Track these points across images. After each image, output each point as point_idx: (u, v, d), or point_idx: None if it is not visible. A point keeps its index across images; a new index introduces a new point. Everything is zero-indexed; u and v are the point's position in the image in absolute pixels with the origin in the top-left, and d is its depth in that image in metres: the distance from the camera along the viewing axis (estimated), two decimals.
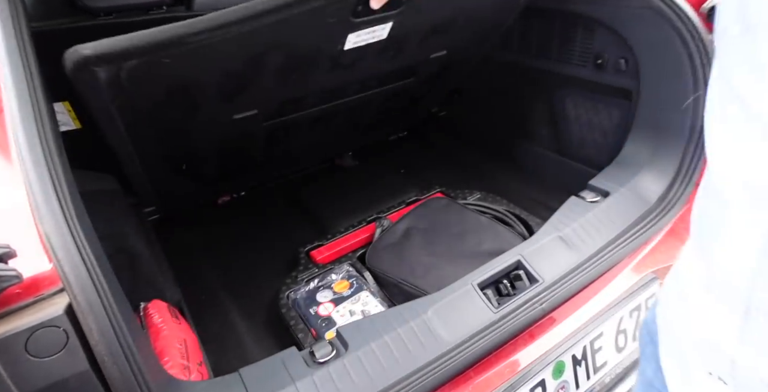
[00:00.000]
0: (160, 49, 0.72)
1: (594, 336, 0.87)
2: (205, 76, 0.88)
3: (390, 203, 1.49)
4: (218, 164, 1.37)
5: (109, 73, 0.72)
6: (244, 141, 1.26)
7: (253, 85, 0.98)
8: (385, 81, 1.32)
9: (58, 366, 0.45)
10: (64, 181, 0.50)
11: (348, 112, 1.41)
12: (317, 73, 1.05)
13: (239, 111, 1.06)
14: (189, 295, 1.11)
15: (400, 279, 1.16)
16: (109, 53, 0.68)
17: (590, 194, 1.11)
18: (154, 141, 1.05)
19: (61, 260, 0.44)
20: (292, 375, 0.74)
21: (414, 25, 1.04)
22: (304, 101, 1.22)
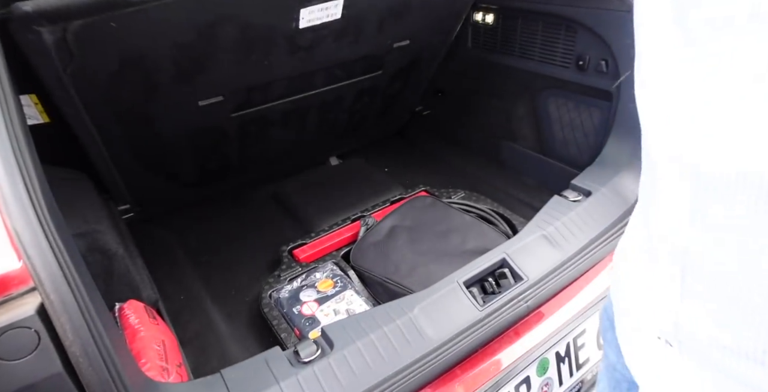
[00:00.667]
0: (103, 8, 0.71)
1: (577, 333, 0.88)
2: (157, 47, 0.86)
3: (374, 202, 1.48)
4: (193, 163, 1.34)
5: (55, 35, 0.71)
6: (216, 136, 1.23)
7: (211, 63, 0.96)
8: (353, 72, 1.32)
9: (29, 369, 0.42)
10: (35, 175, 0.47)
11: (320, 107, 1.40)
12: (277, 54, 1.03)
13: (203, 96, 1.04)
14: (167, 295, 1.07)
15: (385, 278, 1.15)
16: (49, 11, 0.67)
17: (573, 194, 1.13)
18: (119, 131, 1.02)
19: (32, 257, 0.41)
20: (276, 375, 0.72)
21: (367, 5, 1.03)
22: (271, 89, 1.20)
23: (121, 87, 0.91)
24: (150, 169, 1.24)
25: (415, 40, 1.28)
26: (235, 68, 1.01)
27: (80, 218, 0.85)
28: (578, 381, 0.90)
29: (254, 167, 1.59)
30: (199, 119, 1.11)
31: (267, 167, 1.66)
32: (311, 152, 1.76)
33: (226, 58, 0.96)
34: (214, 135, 1.22)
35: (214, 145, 1.28)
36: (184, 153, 1.27)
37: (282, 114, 1.29)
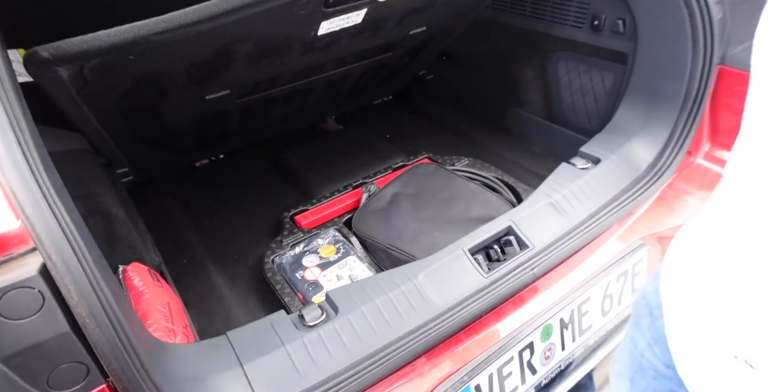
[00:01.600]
0: (121, 50, 0.68)
1: (582, 301, 0.88)
2: (173, 67, 0.84)
3: (376, 169, 1.46)
4: (194, 136, 1.31)
5: (72, 71, 0.69)
6: (219, 116, 1.21)
7: (224, 72, 0.93)
8: (363, 57, 1.28)
9: (35, 329, 0.41)
10: (28, 133, 0.44)
11: (326, 85, 1.36)
12: (291, 56, 1.00)
13: (211, 92, 1.02)
14: (169, 259, 1.07)
15: (388, 245, 1.14)
16: (69, 55, 0.65)
17: (581, 161, 1.10)
18: (124, 123, 0.99)
19: (31, 217, 0.39)
20: (282, 337, 0.73)
21: (390, 9, 0.99)
22: (279, 80, 1.17)
23: (133, 98, 0.90)
24: (150, 145, 1.21)
25: (432, 26, 1.22)
26: (247, 71, 0.98)
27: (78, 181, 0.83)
28: (580, 346, 0.91)
29: (253, 134, 1.55)
30: (205, 108, 1.08)
31: (266, 133, 1.62)
32: (310, 116, 1.72)
33: (238, 67, 0.93)
34: (217, 116, 1.19)
35: (216, 122, 1.24)
36: (186, 131, 1.24)
37: (286, 94, 1.25)
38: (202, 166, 1.60)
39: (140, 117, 1.01)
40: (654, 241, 1.00)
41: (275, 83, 1.16)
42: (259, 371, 0.67)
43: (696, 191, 1.08)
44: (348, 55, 1.22)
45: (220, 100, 1.05)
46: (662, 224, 1.00)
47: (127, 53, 0.69)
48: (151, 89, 0.87)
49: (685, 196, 1.07)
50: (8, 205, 0.40)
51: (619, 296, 0.95)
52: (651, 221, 1.01)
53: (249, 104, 1.19)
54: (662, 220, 1.01)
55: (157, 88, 0.88)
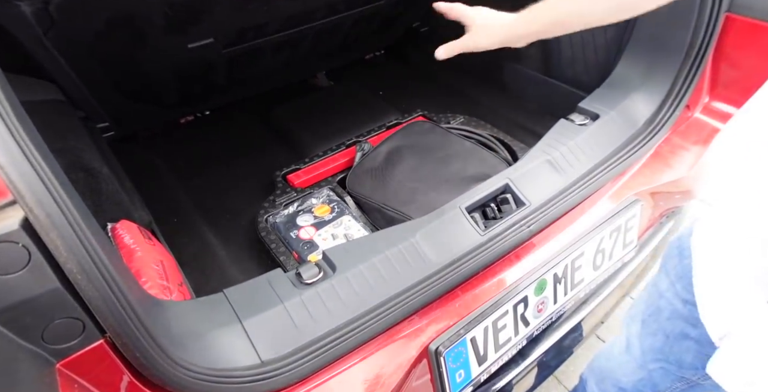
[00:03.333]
0: None
1: (576, 256, 0.89)
2: (148, 7, 0.76)
3: (370, 127, 1.42)
4: (177, 90, 1.24)
5: (35, 7, 0.61)
6: (203, 67, 1.14)
7: (207, 16, 0.85)
8: (354, 4, 1.20)
9: (23, 284, 0.40)
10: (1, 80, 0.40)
11: (315, 36, 1.29)
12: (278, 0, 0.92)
13: (194, 40, 0.94)
14: (159, 218, 1.04)
15: (383, 204, 1.13)
16: None
17: (579, 117, 1.08)
18: (100, 71, 0.92)
19: (5, 166, 0.36)
20: (280, 295, 0.72)
21: None
22: (267, 27, 1.09)
23: (107, 42, 0.83)
24: (130, 97, 1.14)
25: None
26: (232, 15, 0.89)
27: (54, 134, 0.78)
28: (571, 299, 0.93)
29: (241, 88, 1.48)
30: (188, 57, 1.01)
31: (254, 87, 1.55)
32: (300, 70, 1.64)
33: (222, 9, 0.84)
34: (202, 67, 1.12)
35: (201, 74, 1.17)
36: (169, 83, 1.17)
37: (275, 45, 1.18)
38: (187, 123, 1.54)
39: (118, 65, 0.94)
40: (648, 196, 1.01)
41: (262, 32, 1.09)
42: (258, 327, 0.67)
43: (692, 147, 1.07)
44: (339, 2, 1.15)
45: (204, 49, 0.99)
46: (657, 180, 1.00)
47: None
48: (127, 33, 0.80)
49: (681, 151, 1.06)
50: None
51: (611, 250, 0.96)
52: (646, 178, 1.00)
53: (235, 55, 1.12)
54: (658, 176, 1.01)
55: (134, 32, 0.81)
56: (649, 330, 0.66)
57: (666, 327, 0.62)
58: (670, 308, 0.62)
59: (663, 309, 0.63)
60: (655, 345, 0.67)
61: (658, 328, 0.64)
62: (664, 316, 0.63)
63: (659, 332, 0.64)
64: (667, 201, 1.09)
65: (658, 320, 0.64)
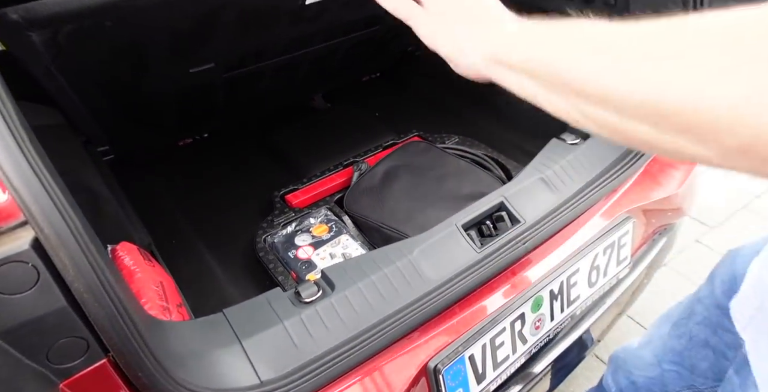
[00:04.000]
0: (97, 14, 0.64)
1: (571, 272, 0.90)
2: (153, 37, 0.80)
3: (366, 147, 1.45)
4: (177, 113, 1.27)
5: (45, 37, 0.65)
6: (203, 90, 1.17)
7: (209, 43, 0.89)
8: (350, 30, 1.25)
9: (31, 304, 0.40)
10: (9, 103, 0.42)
11: (313, 60, 1.34)
12: (278, 27, 0.97)
13: (195, 65, 0.98)
14: (158, 240, 1.05)
15: (381, 223, 1.14)
16: (41, 19, 0.60)
17: (570, 136, 1.11)
18: (103, 96, 0.96)
19: (19, 189, 0.38)
20: (279, 314, 0.73)
21: None
22: (266, 53, 1.13)
23: (112, 69, 0.86)
24: (131, 121, 1.17)
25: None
26: (233, 42, 0.93)
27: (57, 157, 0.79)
28: (568, 316, 0.94)
29: (239, 111, 1.52)
30: (189, 81, 1.04)
31: (252, 110, 1.58)
32: (298, 94, 1.68)
33: (223, 37, 0.88)
34: (202, 90, 1.16)
35: (201, 98, 1.21)
36: (169, 107, 1.20)
37: (273, 69, 1.22)
38: (186, 145, 1.56)
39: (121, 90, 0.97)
40: (639, 213, 1.03)
41: (262, 57, 1.13)
42: (258, 346, 0.68)
43: (680, 165, 1.10)
44: (336, 28, 1.20)
45: (205, 73, 1.02)
46: (648, 198, 1.03)
47: (103, 19, 0.65)
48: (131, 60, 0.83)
49: (670, 169, 1.09)
50: None
51: (605, 267, 0.98)
52: (637, 195, 1.03)
53: (235, 79, 1.16)
54: (648, 193, 1.03)
55: (138, 60, 0.84)
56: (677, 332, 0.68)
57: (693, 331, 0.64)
58: (704, 313, 0.64)
59: (696, 314, 0.65)
60: (677, 347, 0.70)
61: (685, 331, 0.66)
62: (694, 320, 0.65)
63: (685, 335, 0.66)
64: (659, 219, 1.11)
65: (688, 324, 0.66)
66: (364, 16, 1.18)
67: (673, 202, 1.09)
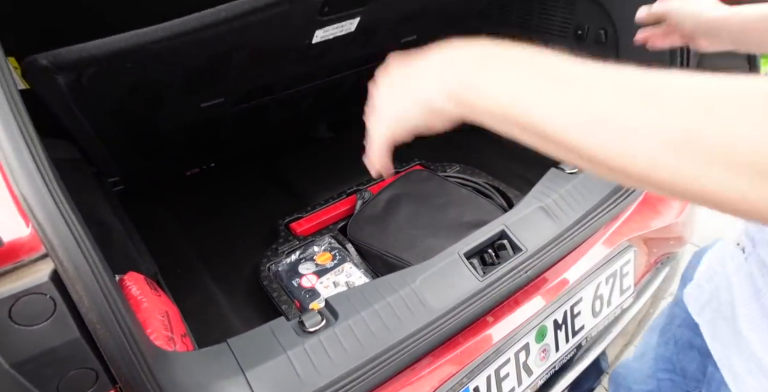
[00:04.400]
0: (120, 57, 0.69)
1: (574, 302, 0.90)
2: (170, 75, 0.85)
3: (369, 176, 1.46)
4: (186, 144, 1.31)
5: (69, 79, 0.70)
6: (212, 123, 1.22)
7: (219, 79, 0.95)
8: (355, 64, 1.31)
9: (46, 335, 0.41)
10: (37, 140, 0.45)
11: (318, 93, 1.39)
12: (285, 64, 1.02)
13: (206, 100, 1.03)
14: (163, 268, 1.06)
15: (384, 251, 1.15)
16: (67, 63, 0.65)
17: (569, 166, 1.13)
18: (118, 130, 1.00)
19: (43, 223, 0.40)
20: (283, 344, 0.73)
21: (382, 17, 1.02)
22: (273, 88, 1.19)
23: (128, 105, 0.91)
24: (143, 153, 1.22)
25: (423, 35, 1.26)
26: (243, 78, 0.99)
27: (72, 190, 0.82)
28: (573, 347, 0.93)
29: (245, 142, 1.56)
30: (199, 115, 1.09)
31: (258, 141, 1.63)
32: (302, 124, 1.73)
33: (234, 74, 0.94)
34: (211, 123, 1.21)
35: (209, 129, 1.26)
36: (179, 139, 1.25)
37: (279, 102, 1.27)
38: (193, 175, 1.59)
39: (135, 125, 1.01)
40: (640, 242, 1.03)
41: (269, 91, 1.18)
42: (261, 377, 0.68)
43: None
44: (341, 63, 1.25)
45: (215, 107, 1.06)
46: (648, 226, 1.04)
47: (125, 61, 0.70)
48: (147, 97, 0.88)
49: (669, 198, 1.11)
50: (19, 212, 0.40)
51: (608, 297, 0.98)
52: (637, 224, 1.04)
53: (242, 112, 1.20)
54: (648, 222, 1.05)
55: (153, 96, 0.89)
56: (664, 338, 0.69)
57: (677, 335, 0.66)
58: (682, 315, 0.65)
59: (676, 316, 0.67)
60: (666, 354, 0.70)
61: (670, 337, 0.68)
62: (676, 323, 0.66)
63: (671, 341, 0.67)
64: (661, 248, 1.12)
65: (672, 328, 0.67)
66: (367, 53, 1.24)
67: (674, 231, 1.10)
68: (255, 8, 0.72)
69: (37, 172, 0.41)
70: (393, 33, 1.16)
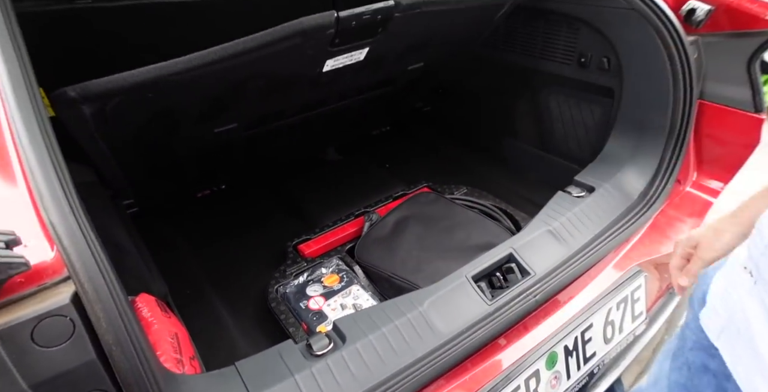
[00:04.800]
0: (144, 88, 0.74)
1: (584, 327, 0.89)
2: (187, 103, 0.90)
3: (377, 198, 1.49)
4: (198, 167, 1.35)
5: (94, 109, 0.74)
6: (225, 148, 1.26)
7: (234, 105, 0.99)
8: (363, 90, 1.35)
9: (64, 356, 0.42)
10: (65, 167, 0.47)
11: (327, 118, 1.43)
12: (297, 91, 1.06)
13: (220, 125, 1.07)
14: (173, 289, 1.07)
15: (391, 273, 1.15)
16: (93, 95, 0.69)
17: (576, 189, 1.14)
18: (136, 156, 1.05)
19: (68, 247, 0.41)
20: (291, 367, 0.73)
21: (390, 47, 1.06)
22: (284, 113, 1.23)
23: (147, 132, 0.95)
24: (157, 176, 1.25)
25: (430, 62, 1.31)
26: (256, 105, 1.03)
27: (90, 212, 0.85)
28: (585, 375, 0.92)
29: (256, 164, 1.59)
30: (212, 140, 1.13)
31: (268, 163, 1.66)
32: (311, 147, 1.77)
33: (248, 101, 0.98)
34: (223, 147, 1.24)
35: (222, 153, 1.29)
36: (192, 162, 1.28)
37: (290, 126, 1.32)
38: (204, 196, 1.62)
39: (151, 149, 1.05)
40: (651, 268, 1.03)
41: (280, 116, 1.22)
42: None
43: (687, 218, 1.12)
44: (350, 89, 1.29)
45: (228, 132, 1.10)
46: (657, 251, 1.03)
47: (147, 91, 0.73)
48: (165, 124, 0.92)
49: (678, 223, 1.11)
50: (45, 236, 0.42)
51: (620, 323, 0.97)
52: (646, 248, 1.03)
53: (254, 136, 1.24)
54: (657, 247, 1.04)
55: (170, 123, 0.92)
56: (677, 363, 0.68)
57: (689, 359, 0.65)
58: (693, 337, 0.65)
59: (687, 339, 0.66)
60: (680, 380, 0.69)
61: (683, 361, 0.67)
62: (687, 347, 0.66)
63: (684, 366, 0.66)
64: None
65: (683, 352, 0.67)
66: (376, 80, 1.28)
67: None
68: (271, 41, 0.75)
69: (65, 198, 0.43)
70: (400, 61, 1.20)
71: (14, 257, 0.37)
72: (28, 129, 0.47)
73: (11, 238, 0.38)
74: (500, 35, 1.48)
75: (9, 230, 0.39)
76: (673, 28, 1.06)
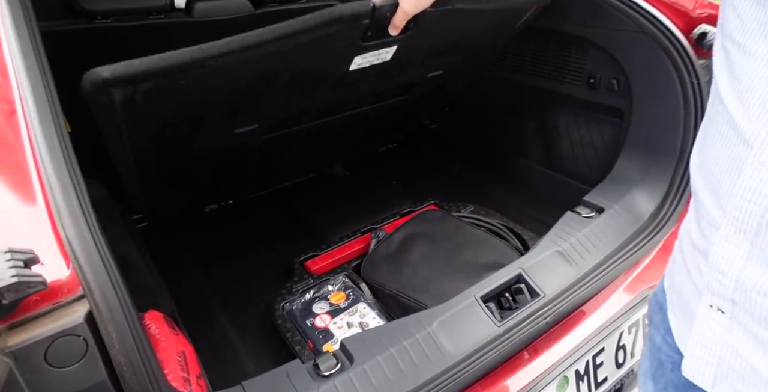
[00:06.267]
0: (177, 72, 0.73)
1: (596, 351, 0.88)
2: (215, 95, 0.89)
3: (384, 215, 1.49)
4: (212, 175, 1.35)
5: (125, 93, 0.73)
6: (242, 152, 1.26)
7: (259, 101, 0.99)
8: (381, 98, 1.36)
9: (76, 377, 0.42)
10: (83, 184, 0.48)
11: (343, 126, 1.44)
12: (321, 90, 1.07)
13: (240, 126, 1.07)
14: (180, 306, 1.06)
15: (398, 291, 1.14)
16: (127, 76, 0.69)
17: (585, 210, 1.14)
18: (155, 155, 1.04)
19: (84, 266, 0.41)
20: (298, 388, 0.72)
21: (417, 48, 1.07)
22: (303, 117, 1.24)
23: (170, 127, 0.95)
24: (172, 184, 1.25)
25: (448, 70, 1.32)
26: (279, 103, 1.04)
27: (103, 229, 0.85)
28: None
29: (266, 178, 1.60)
30: (232, 142, 1.14)
31: (278, 178, 1.66)
32: (321, 160, 1.77)
33: (273, 97, 0.99)
34: (241, 152, 1.25)
35: (239, 160, 1.30)
36: (208, 168, 1.29)
37: (307, 133, 1.32)
38: (211, 212, 1.62)
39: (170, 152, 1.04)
40: None
41: (299, 121, 1.22)
42: None
43: None
44: (369, 95, 1.30)
45: (247, 134, 1.10)
46: None
47: (180, 77, 0.74)
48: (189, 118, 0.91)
49: None
50: (61, 254, 0.42)
51: (632, 347, 0.95)
52: (658, 271, 1.02)
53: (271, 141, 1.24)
54: None
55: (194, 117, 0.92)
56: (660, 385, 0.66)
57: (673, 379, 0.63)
58: (670, 360, 0.63)
59: (664, 362, 0.64)
60: None
61: (667, 381, 0.65)
62: (668, 368, 0.64)
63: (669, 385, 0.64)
64: None
65: (665, 373, 0.65)
66: (396, 86, 1.29)
67: None
68: (305, 28, 0.76)
69: (82, 216, 0.43)
70: (422, 66, 1.20)
71: (33, 276, 0.37)
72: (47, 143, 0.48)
73: (30, 256, 0.38)
74: (509, 55, 1.50)
75: (28, 249, 0.39)
76: (683, 50, 1.07)
